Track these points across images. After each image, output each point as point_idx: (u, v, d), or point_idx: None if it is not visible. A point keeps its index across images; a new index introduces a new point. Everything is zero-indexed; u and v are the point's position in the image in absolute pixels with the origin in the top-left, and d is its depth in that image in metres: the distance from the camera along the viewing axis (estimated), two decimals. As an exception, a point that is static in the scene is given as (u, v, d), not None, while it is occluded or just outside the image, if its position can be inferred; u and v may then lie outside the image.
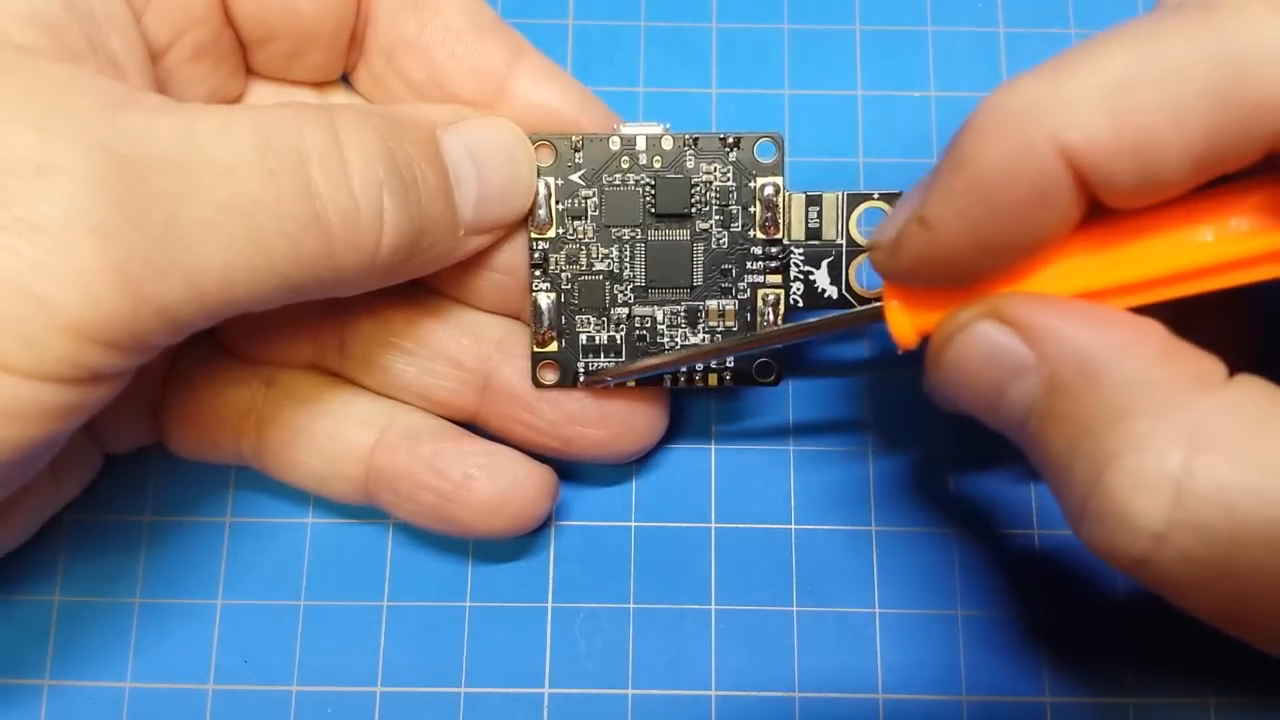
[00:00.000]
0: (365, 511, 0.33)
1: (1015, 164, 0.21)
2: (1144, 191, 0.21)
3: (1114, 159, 0.20)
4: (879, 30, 0.38)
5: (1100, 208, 0.22)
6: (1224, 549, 0.19)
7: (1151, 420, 0.20)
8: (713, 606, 0.33)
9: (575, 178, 0.30)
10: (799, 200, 0.30)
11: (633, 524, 0.34)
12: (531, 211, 0.30)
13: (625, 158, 0.30)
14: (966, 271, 0.23)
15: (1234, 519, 0.19)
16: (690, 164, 0.30)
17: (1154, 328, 0.22)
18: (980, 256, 0.23)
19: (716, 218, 0.30)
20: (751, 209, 0.30)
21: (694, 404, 0.35)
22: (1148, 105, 0.20)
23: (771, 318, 0.30)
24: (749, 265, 0.30)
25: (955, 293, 0.24)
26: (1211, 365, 0.21)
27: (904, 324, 0.26)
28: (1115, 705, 0.32)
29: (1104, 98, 0.20)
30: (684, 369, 0.31)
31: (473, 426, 0.32)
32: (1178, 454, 0.20)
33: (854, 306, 0.30)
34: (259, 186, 0.23)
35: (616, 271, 0.30)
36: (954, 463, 0.34)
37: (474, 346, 0.31)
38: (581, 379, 0.31)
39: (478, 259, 0.30)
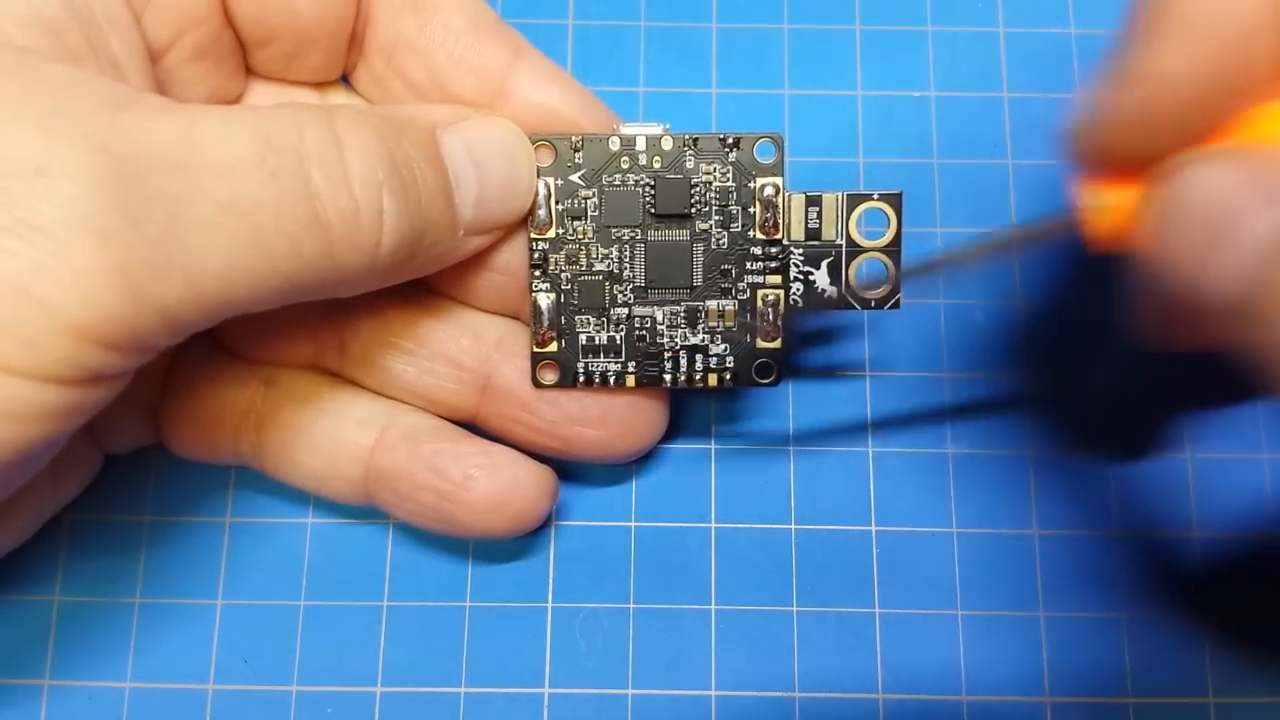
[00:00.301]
0: (365, 511, 0.33)
1: None
2: None
3: None
4: (879, 30, 0.38)
5: None
6: None
7: None
8: (713, 606, 0.33)
9: (575, 178, 0.30)
10: (799, 200, 0.30)
11: (633, 524, 0.34)
12: (531, 212, 0.30)
13: (625, 158, 0.30)
14: (1195, 121, 0.22)
15: None
16: (690, 164, 0.30)
17: None
18: (1211, 99, 0.22)
19: (716, 218, 0.30)
20: (751, 209, 0.30)
21: (694, 404, 0.35)
22: None
23: (771, 318, 0.30)
24: (749, 265, 0.30)
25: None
26: None
27: (1105, 220, 0.24)
28: (1115, 705, 0.32)
29: None
30: (683, 370, 0.31)
31: (472, 427, 0.32)
32: None
33: (854, 307, 0.30)
34: (259, 187, 0.23)
35: (616, 272, 0.30)
36: (954, 462, 0.34)
37: (474, 346, 0.31)
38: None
39: (477, 259, 0.30)
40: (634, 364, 0.31)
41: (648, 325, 0.31)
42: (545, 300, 0.30)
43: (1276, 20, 0.21)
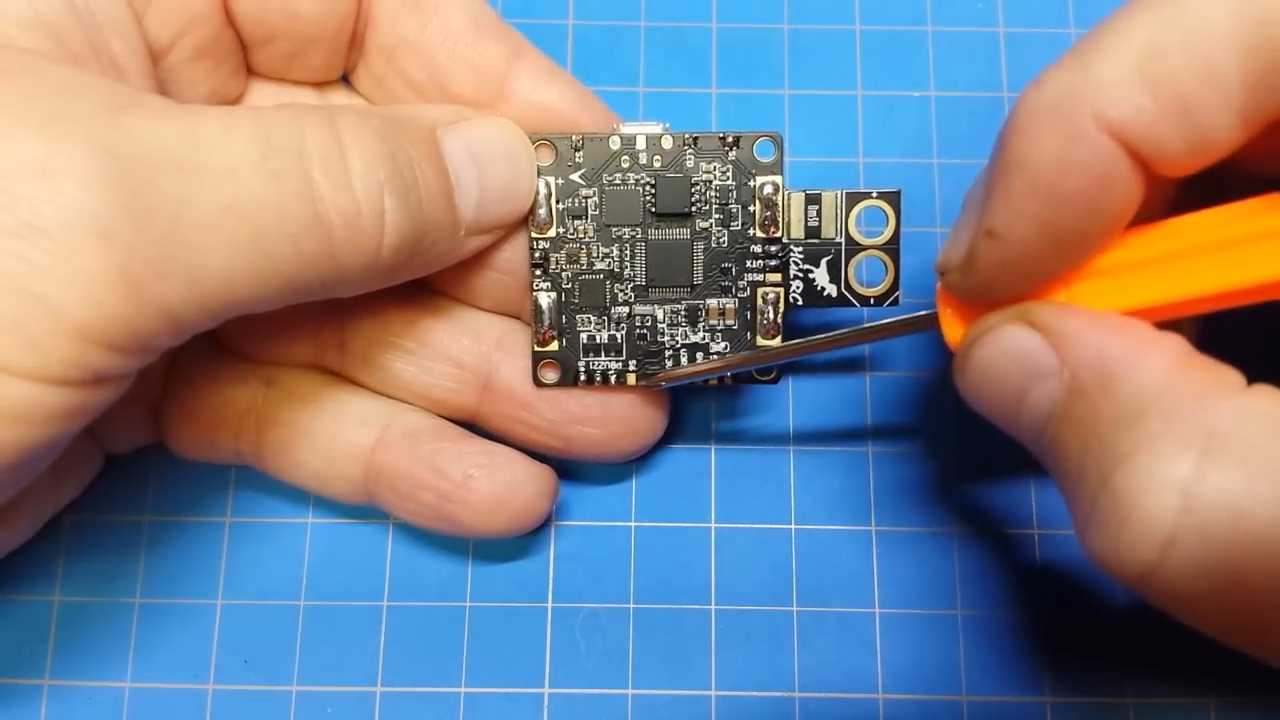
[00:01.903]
0: (365, 511, 0.33)
1: (1068, 153, 0.21)
2: (1198, 153, 0.21)
3: (1160, 127, 0.21)
4: (879, 30, 0.38)
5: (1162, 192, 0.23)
6: (1232, 558, 0.19)
7: (1164, 424, 0.20)
8: (713, 606, 0.33)
9: (575, 177, 0.30)
10: (798, 199, 0.30)
11: (633, 524, 0.34)
12: (532, 211, 0.30)
13: (625, 157, 0.30)
14: (1042, 273, 0.24)
15: (1242, 527, 0.19)
16: (690, 163, 0.30)
17: (1175, 340, 0.22)
18: (1054, 254, 0.23)
19: (716, 216, 0.30)
20: (751, 208, 0.30)
21: (694, 403, 0.35)
22: (1180, 69, 0.20)
23: (771, 316, 0.30)
24: (749, 264, 0.30)
25: (1007, 302, 0.25)
26: (1229, 375, 0.21)
27: (957, 329, 0.26)
28: (1115, 705, 0.32)
29: (1136, 70, 0.21)
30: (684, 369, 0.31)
31: (473, 426, 0.32)
32: (1189, 458, 0.20)
33: (853, 305, 0.31)
34: (261, 188, 0.23)
35: (617, 270, 0.30)
36: (954, 463, 0.34)
37: (474, 346, 0.31)
38: (643, 383, 0.31)
39: (478, 258, 0.30)
40: (634, 362, 0.31)
41: (648, 324, 0.31)
42: (546, 299, 0.30)
43: (1128, 152, 0.21)
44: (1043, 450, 0.23)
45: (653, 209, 0.30)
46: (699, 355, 0.31)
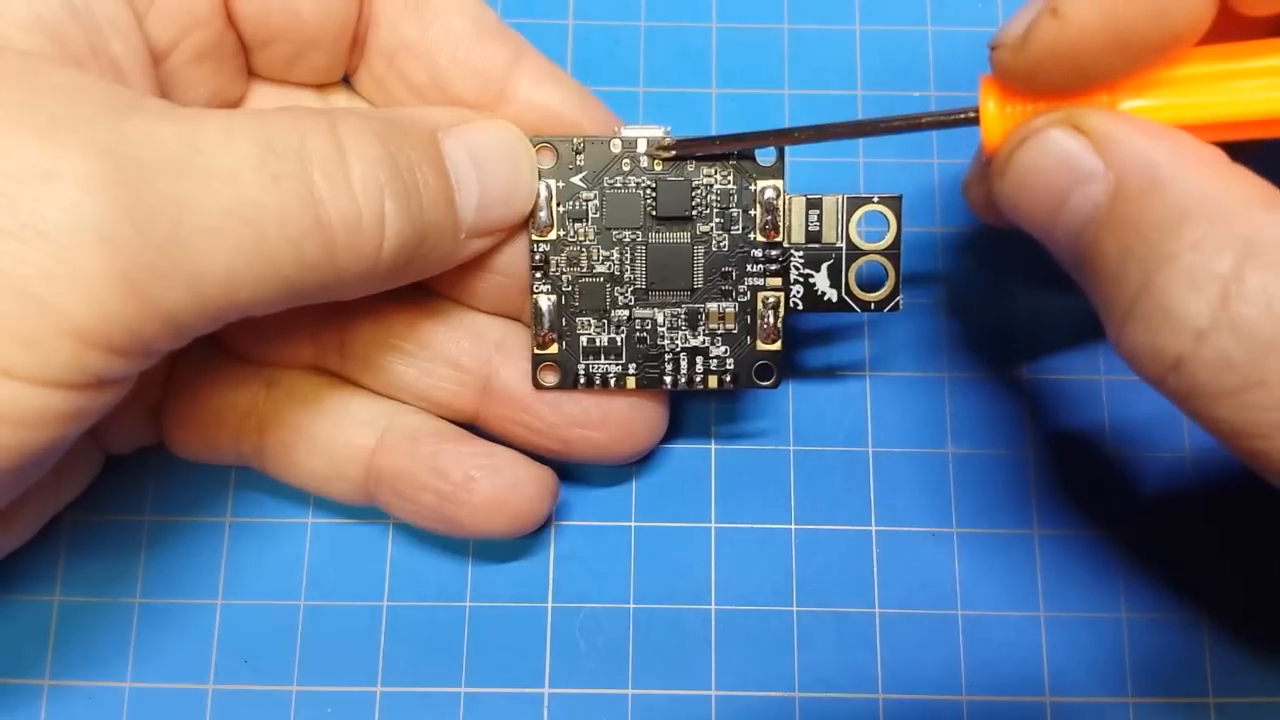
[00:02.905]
0: (365, 511, 0.33)
1: None
2: None
3: None
4: (879, 30, 0.38)
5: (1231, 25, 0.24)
6: (1259, 354, 0.21)
7: (1209, 226, 0.21)
8: (713, 606, 0.33)
9: (576, 180, 0.30)
10: (799, 203, 0.30)
11: (633, 524, 0.34)
12: (533, 213, 0.30)
13: (626, 160, 0.30)
14: (1093, 69, 0.24)
15: (1273, 325, 0.20)
16: (691, 167, 0.30)
17: (1217, 151, 0.23)
18: (1111, 49, 0.24)
19: (717, 220, 0.30)
20: (752, 212, 0.30)
21: (694, 404, 0.35)
22: None
23: (772, 320, 0.30)
24: (749, 268, 0.30)
25: (1051, 99, 0.25)
26: (1271, 188, 0.22)
27: (996, 125, 0.26)
28: (1115, 705, 0.32)
29: None
30: (683, 371, 0.31)
31: (473, 428, 0.32)
32: (1230, 258, 0.21)
33: (854, 310, 0.31)
34: (262, 192, 0.23)
35: (617, 274, 0.30)
36: (953, 462, 0.34)
37: (474, 348, 0.31)
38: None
39: (479, 261, 0.30)
40: (634, 366, 0.31)
41: (648, 327, 0.31)
42: (546, 302, 0.30)
43: None
44: (1078, 255, 0.24)
45: (653, 212, 0.30)
46: (698, 360, 0.31)
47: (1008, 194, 0.25)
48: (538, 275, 0.30)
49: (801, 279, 0.30)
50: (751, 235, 0.30)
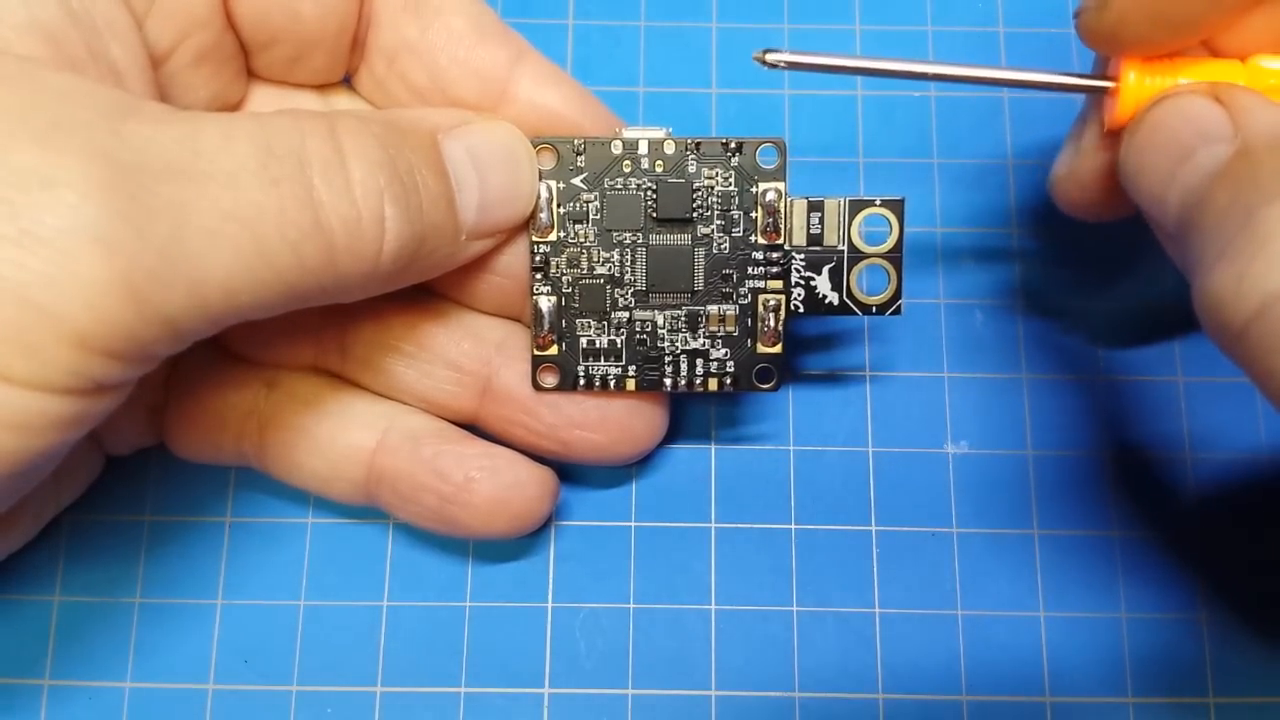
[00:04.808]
0: (365, 511, 0.33)
1: None
2: None
3: None
4: (879, 30, 0.38)
5: None
6: None
7: None
8: (713, 606, 0.33)
9: (577, 181, 0.30)
10: (801, 206, 0.30)
11: (633, 524, 0.34)
12: (533, 215, 0.30)
13: (627, 161, 0.30)
14: (1176, 17, 0.25)
15: None
16: (692, 168, 0.30)
17: None
18: (1192, 6, 0.25)
19: (718, 222, 0.30)
20: (753, 214, 0.30)
21: (694, 405, 0.35)
22: None
23: (772, 323, 0.30)
24: (750, 270, 0.30)
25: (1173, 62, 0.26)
26: None
27: (1133, 95, 0.27)
28: (1115, 705, 0.32)
29: None
30: (683, 374, 0.31)
31: (473, 428, 0.32)
32: None
33: (855, 313, 0.31)
34: (262, 195, 0.23)
35: (617, 275, 0.30)
36: (954, 463, 0.34)
37: (474, 349, 0.31)
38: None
39: (479, 262, 0.30)
40: (634, 368, 0.31)
41: (648, 329, 0.31)
42: (546, 303, 0.30)
43: None
44: (1184, 212, 0.24)
45: (654, 214, 0.30)
46: (698, 362, 0.31)
47: (1133, 152, 0.26)
48: (538, 276, 0.30)
49: (803, 282, 0.30)
50: (752, 237, 0.30)
